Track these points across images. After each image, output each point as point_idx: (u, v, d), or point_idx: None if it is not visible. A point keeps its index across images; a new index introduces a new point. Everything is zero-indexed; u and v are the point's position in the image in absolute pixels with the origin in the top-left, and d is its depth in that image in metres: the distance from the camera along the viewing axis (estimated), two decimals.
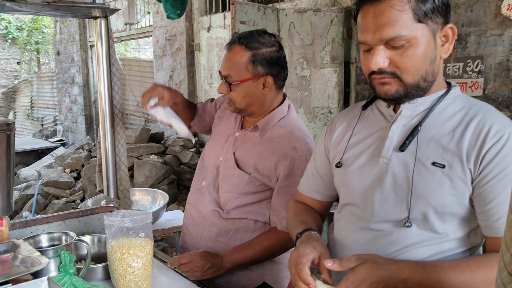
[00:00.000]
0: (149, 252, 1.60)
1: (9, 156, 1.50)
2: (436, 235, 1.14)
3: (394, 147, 1.21)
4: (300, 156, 1.71)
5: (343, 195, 1.33)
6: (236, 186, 1.76)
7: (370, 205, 1.21)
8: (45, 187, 6.02)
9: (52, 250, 1.46)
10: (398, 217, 1.17)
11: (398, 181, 1.17)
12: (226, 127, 1.91)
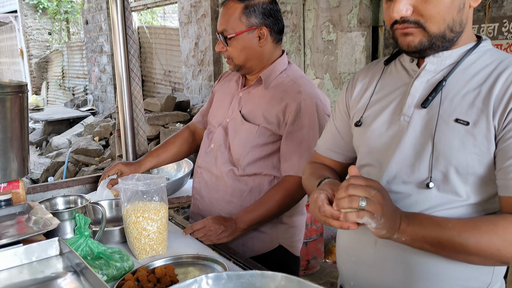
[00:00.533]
0: (163, 216, 1.59)
1: (22, 119, 1.50)
2: (456, 197, 1.07)
3: (416, 104, 1.13)
4: (305, 99, 1.71)
5: (361, 156, 1.26)
6: (247, 140, 1.75)
7: (389, 165, 1.14)
8: (75, 155, 6.16)
9: (67, 213, 1.46)
10: (417, 178, 1.10)
11: (419, 140, 1.10)
12: (227, 92, 1.92)
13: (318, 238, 3.83)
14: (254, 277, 1.26)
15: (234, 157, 1.79)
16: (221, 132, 1.84)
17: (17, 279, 1.10)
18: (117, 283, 1.37)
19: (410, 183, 1.11)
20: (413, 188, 1.11)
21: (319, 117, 1.73)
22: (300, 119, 1.71)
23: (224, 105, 1.88)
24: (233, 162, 1.80)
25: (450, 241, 1.01)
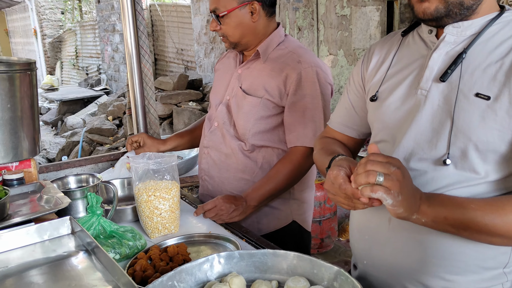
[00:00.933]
0: (175, 194, 1.58)
1: (32, 97, 1.49)
2: (474, 175, 1.03)
3: (434, 77, 1.08)
4: (306, 68, 1.70)
5: (375, 132, 1.23)
6: (251, 114, 1.74)
7: (404, 141, 1.10)
8: (89, 134, 6.21)
9: (79, 191, 1.46)
10: (434, 155, 1.06)
11: (436, 115, 1.06)
12: (226, 71, 1.90)
13: (332, 217, 3.82)
14: (266, 256, 1.25)
15: (239, 132, 1.77)
16: (223, 110, 1.82)
17: (29, 258, 1.10)
18: (129, 261, 1.38)
19: (427, 159, 1.07)
20: (430, 165, 1.07)
21: (320, 85, 1.70)
22: (302, 88, 1.69)
23: (223, 83, 1.87)
24: (240, 138, 1.78)
25: (474, 222, 0.97)
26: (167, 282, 1.15)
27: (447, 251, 1.07)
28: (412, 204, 0.96)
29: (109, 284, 0.95)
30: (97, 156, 2.01)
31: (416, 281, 1.12)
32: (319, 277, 1.17)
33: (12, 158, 1.47)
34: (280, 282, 1.22)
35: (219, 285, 1.12)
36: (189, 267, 1.20)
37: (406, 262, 1.13)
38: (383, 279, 1.19)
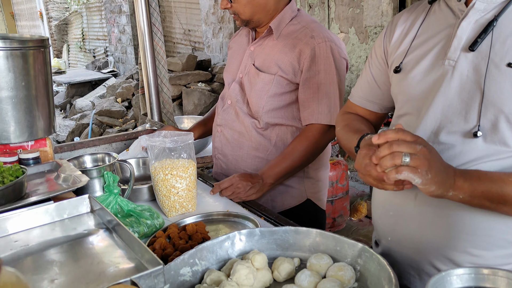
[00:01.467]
0: (192, 173, 1.56)
1: (46, 75, 1.46)
2: (505, 148, 1.00)
3: (463, 46, 1.03)
4: (319, 43, 1.66)
5: (399, 105, 1.19)
6: (264, 91, 1.71)
7: (430, 114, 1.07)
8: (99, 116, 6.20)
9: (95, 170, 1.45)
10: (462, 127, 1.02)
11: (465, 86, 1.02)
12: (239, 47, 1.87)
13: (344, 196, 3.80)
14: (288, 233, 1.23)
15: (253, 110, 1.75)
16: (236, 87, 1.79)
17: (50, 236, 1.09)
18: (148, 240, 1.37)
19: (455, 132, 1.04)
20: (458, 138, 1.04)
21: (335, 60, 1.66)
22: (316, 64, 1.65)
23: (236, 61, 1.84)
24: (253, 116, 1.76)
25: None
26: (189, 259, 1.13)
27: (475, 225, 1.05)
28: (445, 180, 0.93)
29: (132, 262, 0.94)
30: (111, 136, 1.99)
31: (443, 257, 1.10)
32: (342, 254, 1.15)
33: (27, 137, 1.45)
34: (302, 259, 1.20)
35: (241, 262, 1.10)
36: (210, 245, 1.18)
37: (432, 238, 1.10)
38: (408, 255, 1.17)
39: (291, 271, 1.14)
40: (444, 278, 0.76)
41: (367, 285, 1.06)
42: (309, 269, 1.12)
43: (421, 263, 1.15)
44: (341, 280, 1.06)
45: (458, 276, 0.76)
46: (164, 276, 0.85)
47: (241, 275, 1.08)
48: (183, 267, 1.12)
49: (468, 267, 0.76)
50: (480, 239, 1.05)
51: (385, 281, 0.98)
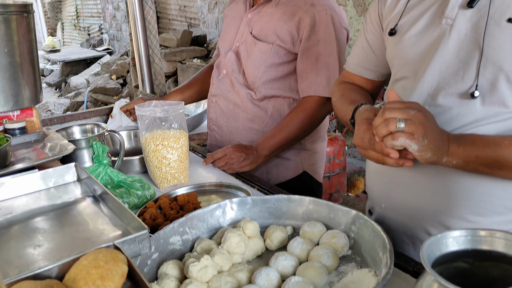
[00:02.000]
0: (184, 144, 1.52)
1: (30, 42, 1.41)
2: (503, 109, 0.96)
3: (461, 3, 0.99)
4: (320, 12, 1.60)
5: (395, 69, 1.15)
6: (261, 61, 1.66)
7: (427, 76, 1.03)
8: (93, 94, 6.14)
9: (84, 141, 1.41)
10: (460, 88, 0.99)
11: (463, 45, 0.98)
12: (236, 15, 1.79)
13: (341, 172, 3.78)
14: (280, 201, 1.20)
15: (249, 80, 1.69)
16: (232, 57, 1.73)
17: (34, 205, 1.06)
18: (138, 211, 1.34)
19: (452, 94, 1.00)
20: (455, 99, 1.00)
21: (335, 29, 1.60)
22: (315, 33, 1.59)
23: (233, 29, 1.77)
24: (249, 87, 1.71)
25: (508, 160, 0.91)
26: (178, 228, 1.11)
27: (472, 191, 1.02)
28: (440, 146, 0.90)
29: (118, 229, 0.91)
30: (101, 108, 1.94)
31: (438, 223, 1.08)
32: (336, 222, 1.12)
33: (12, 106, 1.40)
34: (295, 227, 1.18)
35: (233, 231, 1.07)
36: (200, 213, 1.16)
37: (428, 204, 1.07)
38: (403, 223, 1.14)
39: (284, 239, 1.11)
40: (440, 241, 0.73)
41: (361, 252, 1.04)
42: (302, 237, 1.09)
43: (415, 230, 1.12)
44: (334, 247, 1.04)
45: (454, 239, 0.74)
46: (149, 242, 0.82)
47: (232, 243, 1.05)
48: (173, 235, 1.09)
49: (465, 229, 0.73)
50: (477, 204, 1.03)
51: (379, 248, 0.96)
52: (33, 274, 0.68)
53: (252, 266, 1.03)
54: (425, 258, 0.69)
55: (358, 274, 0.94)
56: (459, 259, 0.76)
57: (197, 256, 1.01)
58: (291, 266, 1.00)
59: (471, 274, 0.78)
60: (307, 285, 0.90)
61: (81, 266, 0.66)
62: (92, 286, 0.63)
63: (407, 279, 0.96)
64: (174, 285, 0.96)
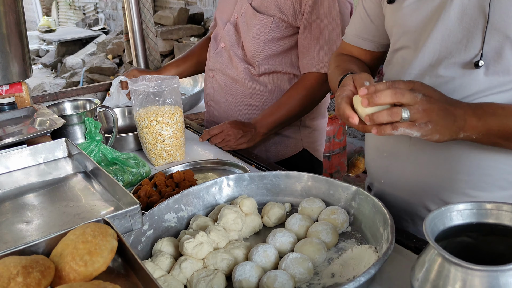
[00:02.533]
0: (179, 120, 1.48)
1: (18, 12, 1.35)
2: (508, 78, 0.92)
3: None
4: None
5: (395, 38, 1.10)
6: (261, 34, 1.59)
7: (428, 45, 0.98)
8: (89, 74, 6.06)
9: (75, 116, 1.37)
10: (463, 58, 0.94)
11: (467, 12, 0.93)
12: None
13: (341, 152, 3.75)
14: (278, 177, 1.17)
15: (248, 54, 1.63)
16: (231, 29, 1.67)
17: (24, 181, 1.02)
18: (133, 189, 1.31)
19: (455, 64, 0.96)
20: (458, 69, 0.96)
21: (339, 3, 1.54)
22: (319, 7, 1.53)
23: (230, 1, 1.69)
24: (248, 61, 1.65)
25: None
26: (173, 205, 1.08)
27: (475, 165, 0.99)
28: (452, 125, 0.85)
29: (110, 205, 0.87)
30: (95, 85, 1.90)
31: (438, 199, 1.05)
32: (336, 198, 1.09)
33: (0, 80, 1.36)
34: (293, 204, 1.15)
35: (229, 207, 1.04)
36: (196, 190, 1.12)
37: (427, 179, 1.04)
38: (402, 198, 1.11)
39: (282, 216, 1.09)
40: (444, 214, 0.70)
41: (361, 228, 1.01)
42: (301, 214, 1.07)
43: (414, 206, 1.10)
44: (333, 224, 1.01)
45: (458, 212, 0.70)
46: (141, 217, 0.79)
47: (229, 219, 1.02)
48: (168, 212, 1.07)
49: (470, 202, 0.70)
50: (479, 179, 1.00)
51: (380, 224, 0.93)
52: (19, 249, 0.65)
53: (249, 243, 1.01)
54: (429, 232, 0.66)
55: (358, 250, 0.91)
56: (463, 233, 0.73)
57: (193, 233, 0.99)
58: (289, 243, 0.97)
59: (476, 249, 0.75)
60: (305, 262, 0.88)
61: (68, 241, 0.63)
62: (80, 261, 0.60)
63: (408, 255, 0.93)
64: (168, 262, 0.93)
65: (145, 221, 0.98)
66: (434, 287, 0.64)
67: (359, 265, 0.88)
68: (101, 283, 0.56)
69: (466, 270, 0.61)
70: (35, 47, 10.02)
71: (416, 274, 0.68)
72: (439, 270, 0.64)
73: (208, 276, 0.88)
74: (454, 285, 0.62)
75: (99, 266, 0.61)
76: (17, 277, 0.57)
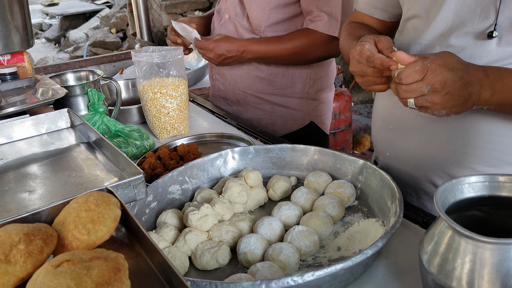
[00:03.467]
0: (183, 92, 1.46)
1: None
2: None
3: None
4: None
5: (406, 7, 1.07)
6: (266, 2, 1.55)
7: (442, 14, 0.95)
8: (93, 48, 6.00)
9: (78, 87, 1.35)
10: (476, 28, 0.91)
11: None
12: None
13: (347, 129, 3.72)
14: (284, 151, 1.15)
15: (253, 24, 1.59)
16: (234, 0, 1.62)
17: (27, 152, 1.01)
18: (137, 161, 1.30)
19: (467, 34, 0.92)
20: (470, 40, 0.92)
21: None
22: None
23: None
24: (254, 31, 1.61)
25: None
26: (178, 177, 1.07)
27: (483, 139, 0.96)
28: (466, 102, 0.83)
29: (114, 175, 0.86)
30: (98, 57, 1.87)
31: (443, 173, 1.03)
32: (342, 172, 1.08)
33: (2, 49, 1.33)
34: (299, 178, 1.14)
35: (234, 180, 1.03)
36: (200, 162, 1.11)
37: (433, 152, 1.02)
38: (407, 172, 1.10)
39: (287, 189, 1.07)
40: (455, 186, 0.68)
41: (368, 202, 1.00)
42: (306, 187, 1.05)
43: (419, 181, 1.08)
44: (340, 197, 0.99)
45: (470, 184, 0.69)
46: (145, 187, 0.77)
47: (234, 192, 1.01)
48: (172, 184, 1.05)
49: (482, 174, 0.68)
50: (487, 154, 0.97)
51: (387, 197, 0.92)
52: (21, 217, 0.64)
53: (254, 216, 1.00)
54: (439, 204, 0.64)
55: (365, 224, 0.90)
56: (474, 207, 0.72)
57: (197, 205, 0.98)
58: (295, 216, 0.96)
59: (486, 223, 0.73)
60: (311, 235, 0.87)
61: (70, 209, 0.62)
62: (83, 230, 0.59)
63: (416, 229, 0.92)
64: (173, 234, 0.93)
65: (149, 192, 0.97)
66: (444, 260, 0.63)
67: (365, 239, 0.87)
68: (104, 251, 0.54)
69: (477, 243, 0.59)
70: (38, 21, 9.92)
71: (425, 247, 0.67)
72: (449, 243, 0.63)
73: (212, 248, 0.87)
74: (464, 258, 0.60)
75: (102, 234, 0.60)
76: (19, 245, 0.56)
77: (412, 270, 0.80)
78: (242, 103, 1.71)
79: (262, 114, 1.70)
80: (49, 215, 0.66)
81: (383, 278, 0.80)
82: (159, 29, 1.96)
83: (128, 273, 0.56)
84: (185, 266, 0.85)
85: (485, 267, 0.59)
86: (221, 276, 0.84)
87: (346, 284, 0.77)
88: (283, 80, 1.65)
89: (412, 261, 0.82)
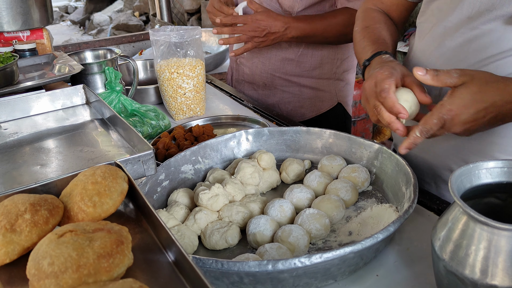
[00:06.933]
0: (200, 73, 1.45)
1: None
2: None
3: None
4: None
5: None
6: None
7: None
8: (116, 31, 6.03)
9: (96, 65, 1.35)
10: (506, 11, 0.87)
11: None
12: None
13: (367, 118, 3.67)
14: (299, 133, 1.13)
15: (285, 7, 1.55)
16: None
17: (42, 127, 1.02)
18: (152, 141, 1.30)
19: (496, 17, 0.88)
20: (498, 23, 0.88)
21: None
22: None
23: None
24: (284, 13, 1.56)
25: None
26: (191, 157, 1.06)
27: (508, 127, 0.92)
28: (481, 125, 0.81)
29: (125, 151, 0.86)
30: (118, 37, 1.87)
31: (463, 162, 0.99)
32: (357, 156, 1.05)
33: (21, 25, 1.34)
34: (313, 162, 1.12)
35: (247, 161, 1.02)
36: (214, 143, 1.10)
37: (454, 140, 0.99)
38: (425, 160, 1.07)
39: (300, 172, 1.06)
40: (471, 171, 0.65)
41: (382, 188, 0.98)
42: (320, 171, 1.03)
43: (438, 169, 1.05)
44: (354, 182, 0.97)
45: (487, 170, 0.66)
46: (154, 163, 0.77)
47: (246, 173, 1.00)
48: (185, 164, 1.05)
49: (501, 160, 0.65)
50: (508, 142, 0.94)
51: (402, 183, 0.89)
52: (29, 188, 0.65)
53: (265, 198, 0.98)
54: (454, 189, 0.62)
55: (378, 209, 0.88)
56: (490, 194, 0.69)
57: (209, 185, 0.97)
58: (307, 199, 0.94)
59: (504, 211, 0.70)
60: (322, 218, 0.85)
61: (77, 182, 0.62)
62: (88, 202, 0.59)
63: (430, 217, 0.90)
64: (183, 213, 0.92)
65: (161, 171, 0.97)
66: (457, 246, 0.60)
67: (378, 224, 0.85)
68: (108, 223, 0.54)
69: (492, 230, 0.57)
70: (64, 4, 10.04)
71: (438, 233, 0.65)
72: (463, 229, 0.60)
73: (222, 228, 0.86)
74: (479, 245, 0.58)
75: (108, 208, 0.60)
76: (25, 214, 0.56)
77: (424, 258, 0.78)
78: (269, 87, 1.69)
79: (290, 97, 1.67)
80: (57, 187, 0.66)
81: (394, 264, 0.78)
82: (179, 10, 1.95)
83: (133, 248, 0.56)
84: (194, 245, 0.85)
85: (500, 255, 0.56)
86: (230, 256, 0.83)
87: (356, 268, 0.76)
88: (312, 61, 1.61)
89: (425, 249, 0.80)
